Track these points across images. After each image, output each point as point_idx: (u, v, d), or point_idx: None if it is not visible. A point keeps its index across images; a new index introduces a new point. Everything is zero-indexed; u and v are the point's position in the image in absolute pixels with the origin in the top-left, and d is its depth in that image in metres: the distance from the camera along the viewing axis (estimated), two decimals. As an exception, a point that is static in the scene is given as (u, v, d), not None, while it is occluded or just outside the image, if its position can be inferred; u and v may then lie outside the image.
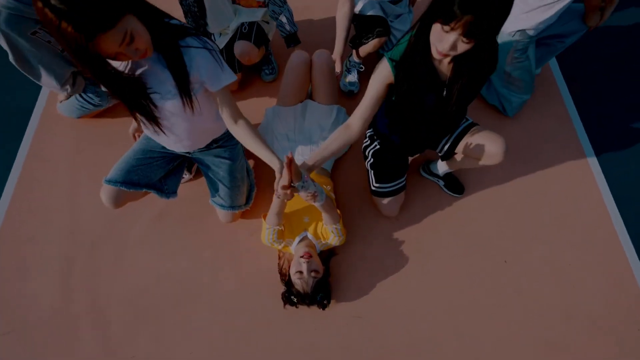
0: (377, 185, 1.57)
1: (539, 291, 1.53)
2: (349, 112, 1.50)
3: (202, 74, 1.05)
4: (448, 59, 1.08)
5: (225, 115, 1.15)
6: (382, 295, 1.52)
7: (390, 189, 1.57)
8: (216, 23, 1.70)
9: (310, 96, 1.79)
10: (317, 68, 1.67)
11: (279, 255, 1.54)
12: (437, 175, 1.73)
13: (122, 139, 1.76)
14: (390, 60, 1.11)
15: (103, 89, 1.50)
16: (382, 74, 1.14)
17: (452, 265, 1.59)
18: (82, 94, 1.74)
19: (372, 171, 1.58)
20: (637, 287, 1.54)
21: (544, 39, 1.77)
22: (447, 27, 0.91)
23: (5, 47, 1.37)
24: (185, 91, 1.04)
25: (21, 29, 1.33)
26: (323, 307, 1.39)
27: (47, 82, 1.51)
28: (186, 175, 1.76)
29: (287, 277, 1.41)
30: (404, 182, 1.60)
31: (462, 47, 0.95)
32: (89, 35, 0.76)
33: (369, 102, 1.18)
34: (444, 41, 0.94)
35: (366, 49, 1.79)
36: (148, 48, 0.90)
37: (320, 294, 1.36)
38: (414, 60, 1.06)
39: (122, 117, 1.91)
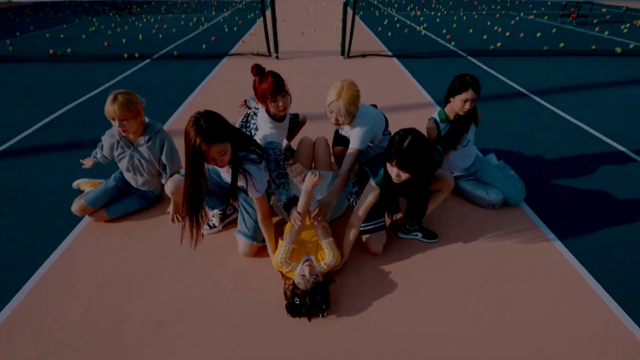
0: (362, 224, 1.97)
1: (515, 312, 1.76)
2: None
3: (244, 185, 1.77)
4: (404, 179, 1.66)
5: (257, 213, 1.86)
6: (375, 313, 1.73)
7: (372, 226, 1.99)
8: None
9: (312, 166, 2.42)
10: (317, 148, 2.38)
11: (284, 282, 1.83)
12: (413, 231, 2.15)
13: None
14: (377, 185, 1.79)
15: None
16: (373, 193, 1.80)
17: (435, 288, 1.86)
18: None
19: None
20: (604, 307, 1.77)
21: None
22: (390, 164, 1.59)
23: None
24: (233, 192, 1.75)
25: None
26: (322, 311, 1.62)
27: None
28: (216, 226, 2.19)
29: (290, 295, 1.68)
30: (384, 223, 2.02)
31: (404, 176, 1.60)
32: (209, 142, 1.47)
33: (364, 210, 1.84)
34: (392, 172, 1.63)
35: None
36: (227, 163, 1.64)
37: (319, 294, 1.61)
38: (389, 183, 1.74)
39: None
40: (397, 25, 9.47)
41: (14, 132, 3.47)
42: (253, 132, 2.15)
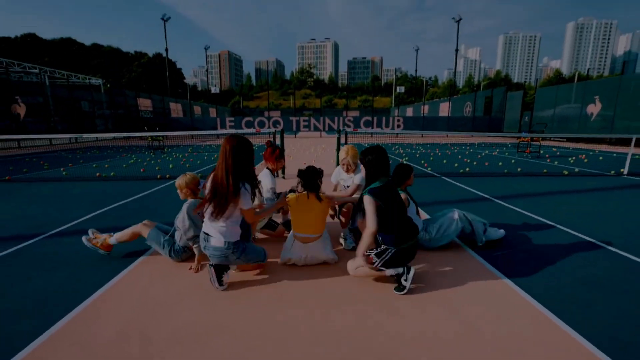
0: (379, 267, 2.59)
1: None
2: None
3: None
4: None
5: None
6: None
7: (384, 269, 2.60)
8: None
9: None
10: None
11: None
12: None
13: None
14: (369, 192, 2.57)
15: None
16: (373, 201, 2.55)
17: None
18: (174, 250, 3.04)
19: (384, 262, 2.55)
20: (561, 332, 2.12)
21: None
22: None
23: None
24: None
25: None
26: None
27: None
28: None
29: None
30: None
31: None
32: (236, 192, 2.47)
33: (374, 215, 2.52)
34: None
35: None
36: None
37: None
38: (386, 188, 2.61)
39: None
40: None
41: (65, 221, 4.21)
42: (269, 194, 3.33)
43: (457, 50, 33.07)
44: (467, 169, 8.67)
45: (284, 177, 7.13)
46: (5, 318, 2.22)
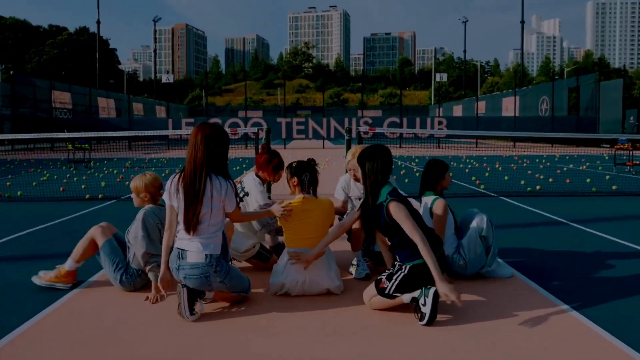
0: (394, 292, 2.96)
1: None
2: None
3: None
4: None
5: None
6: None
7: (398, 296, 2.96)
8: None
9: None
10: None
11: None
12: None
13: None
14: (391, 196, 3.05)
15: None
16: (404, 208, 3.00)
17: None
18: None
19: (396, 283, 2.94)
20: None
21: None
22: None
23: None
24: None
25: None
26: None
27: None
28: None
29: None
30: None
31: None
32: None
33: (412, 223, 2.95)
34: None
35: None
36: None
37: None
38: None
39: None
40: (417, 174, 11.88)
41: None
42: (241, 194, 3.71)
43: (522, 22, 34.50)
44: (538, 187, 9.09)
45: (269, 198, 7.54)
46: None
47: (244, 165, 13.96)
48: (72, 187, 9.40)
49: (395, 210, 2.99)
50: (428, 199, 3.80)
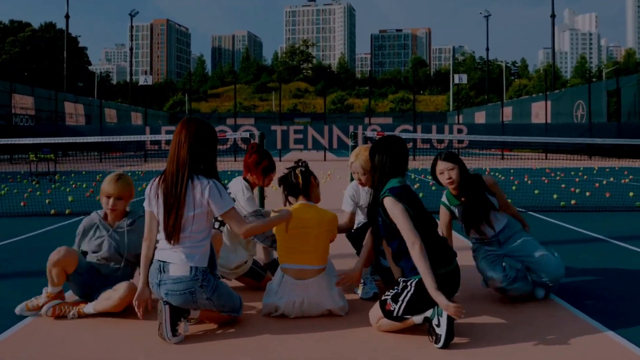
0: (402, 314, 3.00)
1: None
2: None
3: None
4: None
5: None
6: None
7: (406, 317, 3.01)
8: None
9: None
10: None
11: None
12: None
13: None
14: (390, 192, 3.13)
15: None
16: (402, 207, 3.09)
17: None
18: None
19: (404, 305, 2.98)
20: None
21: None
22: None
23: None
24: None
25: None
26: None
27: None
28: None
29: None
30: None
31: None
32: None
33: (408, 221, 3.05)
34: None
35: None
36: None
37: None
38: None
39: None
40: (433, 187, 11.97)
41: None
42: None
43: (553, 16, 34.95)
44: (573, 202, 9.16)
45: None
46: None
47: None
48: (34, 202, 9.47)
49: (390, 206, 3.08)
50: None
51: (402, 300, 3.02)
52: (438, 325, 2.92)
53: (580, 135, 27.63)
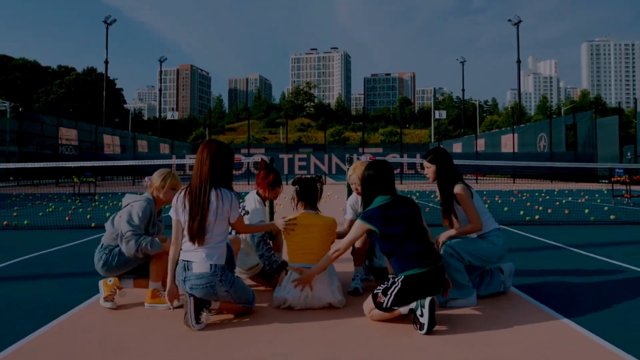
0: (390, 306, 3.07)
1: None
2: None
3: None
4: None
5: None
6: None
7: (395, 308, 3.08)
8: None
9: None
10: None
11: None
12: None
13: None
14: (362, 217, 3.28)
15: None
16: (363, 226, 3.27)
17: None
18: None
19: (392, 298, 3.05)
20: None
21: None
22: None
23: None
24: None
25: None
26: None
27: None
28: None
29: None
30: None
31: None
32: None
33: (352, 238, 3.29)
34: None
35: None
36: None
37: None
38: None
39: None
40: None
41: (-25, 270, 4.73)
42: (242, 212, 3.84)
43: (519, 61, 35.53)
44: (537, 217, 9.21)
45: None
46: None
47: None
48: (77, 217, 9.56)
49: (356, 225, 3.34)
50: None
51: (391, 294, 3.09)
52: (421, 315, 2.99)
53: (543, 162, 27.82)
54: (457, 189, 3.69)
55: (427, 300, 2.97)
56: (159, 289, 3.54)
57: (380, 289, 3.15)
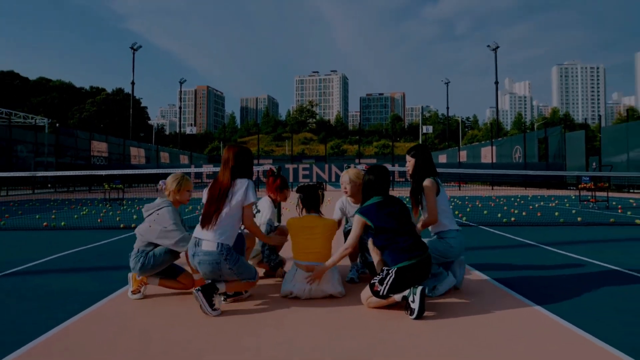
0: (387, 293, 3.10)
1: None
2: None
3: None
4: None
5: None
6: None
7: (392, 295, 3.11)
8: None
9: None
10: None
11: None
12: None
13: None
14: (359, 211, 3.33)
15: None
16: (361, 220, 3.31)
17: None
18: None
19: (387, 287, 3.08)
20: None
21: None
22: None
23: None
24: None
25: None
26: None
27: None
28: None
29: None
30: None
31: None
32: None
33: (356, 233, 3.44)
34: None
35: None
36: None
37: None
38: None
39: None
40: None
41: (19, 264, 4.77)
42: (255, 210, 3.96)
43: (496, 82, 35.59)
44: (513, 219, 9.23)
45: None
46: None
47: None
48: (108, 219, 9.60)
49: (355, 220, 3.39)
50: None
51: (387, 283, 3.14)
52: (413, 302, 3.03)
53: (518, 171, 27.85)
54: (426, 181, 3.72)
55: (419, 289, 3.02)
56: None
57: (376, 279, 3.19)
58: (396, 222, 3.27)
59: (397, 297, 3.13)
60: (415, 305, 3.00)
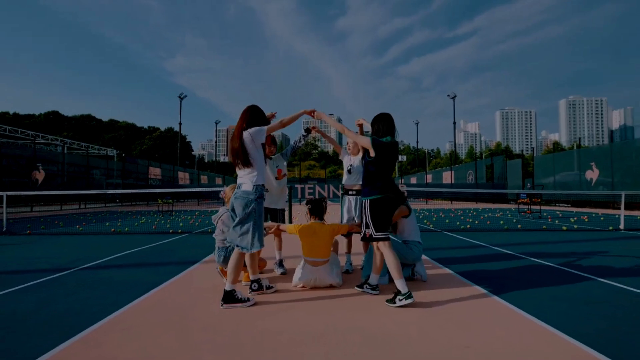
0: (376, 232, 2.97)
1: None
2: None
3: None
4: None
5: None
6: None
7: (385, 234, 3.01)
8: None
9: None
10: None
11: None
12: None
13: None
14: (372, 138, 3.10)
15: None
16: (370, 142, 3.06)
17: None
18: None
19: (372, 223, 2.95)
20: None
21: None
22: None
23: None
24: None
25: None
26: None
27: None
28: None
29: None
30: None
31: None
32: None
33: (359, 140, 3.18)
34: None
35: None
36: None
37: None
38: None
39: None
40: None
41: (91, 260, 4.73)
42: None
43: (455, 123, 35.84)
44: (468, 226, 9.16)
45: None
46: (58, 316, 2.68)
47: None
48: (160, 226, 9.56)
49: (366, 140, 3.06)
50: None
51: (370, 222, 2.99)
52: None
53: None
54: (401, 206, 3.74)
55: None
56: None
57: (363, 228, 3.09)
58: (390, 164, 3.08)
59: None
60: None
